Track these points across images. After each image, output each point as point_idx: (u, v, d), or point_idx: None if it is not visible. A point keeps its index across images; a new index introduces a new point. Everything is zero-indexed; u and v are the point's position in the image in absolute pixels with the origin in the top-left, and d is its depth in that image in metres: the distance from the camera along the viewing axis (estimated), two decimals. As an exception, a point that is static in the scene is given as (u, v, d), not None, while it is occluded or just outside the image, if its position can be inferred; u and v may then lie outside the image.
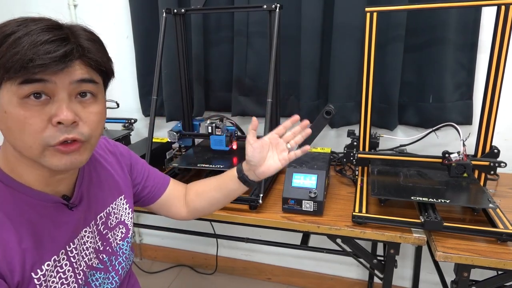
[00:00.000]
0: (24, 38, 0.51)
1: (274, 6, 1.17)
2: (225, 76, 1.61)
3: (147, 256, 2.19)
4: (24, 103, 0.53)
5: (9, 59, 0.50)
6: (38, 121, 0.53)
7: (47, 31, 0.52)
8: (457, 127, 1.12)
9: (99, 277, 0.73)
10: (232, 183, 0.87)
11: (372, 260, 1.07)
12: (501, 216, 0.97)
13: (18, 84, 0.52)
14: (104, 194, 0.76)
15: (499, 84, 1.04)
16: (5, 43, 0.51)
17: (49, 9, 1.77)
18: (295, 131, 0.85)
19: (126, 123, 1.68)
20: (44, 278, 0.60)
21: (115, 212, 0.78)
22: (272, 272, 1.95)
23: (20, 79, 0.51)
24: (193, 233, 1.38)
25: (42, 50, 0.50)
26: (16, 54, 0.50)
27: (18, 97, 0.52)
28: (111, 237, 0.77)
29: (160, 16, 1.39)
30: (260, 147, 0.82)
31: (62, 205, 0.65)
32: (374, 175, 1.14)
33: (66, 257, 0.65)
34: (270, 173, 0.84)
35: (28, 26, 0.52)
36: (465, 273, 0.90)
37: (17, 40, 0.51)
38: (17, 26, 0.52)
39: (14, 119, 0.53)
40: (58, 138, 0.55)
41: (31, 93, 0.52)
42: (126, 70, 1.79)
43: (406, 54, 1.37)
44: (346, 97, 1.46)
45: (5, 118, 0.54)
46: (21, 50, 0.50)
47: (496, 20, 1.01)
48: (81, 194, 0.70)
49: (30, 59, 0.50)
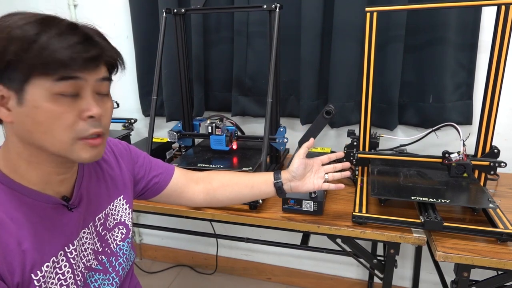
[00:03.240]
0: (57, 37, 0.53)
1: (274, 6, 1.17)
2: (225, 76, 1.61)
3: (147, 256, 2.19)
4: (57, 98, 0.55)
5: (48, 57, 0.52)
6: (70, 116, 0.57)
7: (72, 31, 0.56)
8: (457, 127, 1.12)
9: (98, 278, 0.73)
10: (265, 186, 0.92)
11: (372, 260, 1.07)
12: (501, 216, 0.97)
13: (54, 81, 0.54)
14: (102, 195, 0.76)
15: (499, 84, 1.04)
16: (38, 41, 0.53)
17: (49, 9, 1.76)
18: (336, 166, 0.94)
19: (126, 123, 1.68)
20: (43, 279, 0.60)
21: (113, 213, 0.79)
22: (272, 272, 1.95)
23: (57, 76, 0.54)
24: (193, 233, 1.38)
25: (78, 50, 0.54)
26: (55, 52, 0.53)
27: (51, 93, 0.55)
28: (109, 238, 0.77)
29: (160, 16, 1.39)
30: (306, 163, 0.91)
31: (61, 206, 0.66)
32: (374, 175, 1.14)
33: (66, 258, 0.65)
34: (303, 190, 0.92)
35: (52, 25, 0.55)
36: (465, 273, 0.90)
37: (51, 39, 0.53)
38: (41, 25, 0.54)
39: (47, 114, 0.55)
40: (89, 131, 0.59)
41: (66, 90, 0.55)
42: (126, 70, 1.75)
43: (406, 54, 1.37)
44: (346, 97, 1.46)
45: (35, 114, 0.55)
46: (58, 48, 0.53)
47: (496, 20, 1.01)
48: (80, 195, 0.70)
49: (70, 57, 0.53)
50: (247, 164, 1.22)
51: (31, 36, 0.53)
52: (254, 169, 1.18)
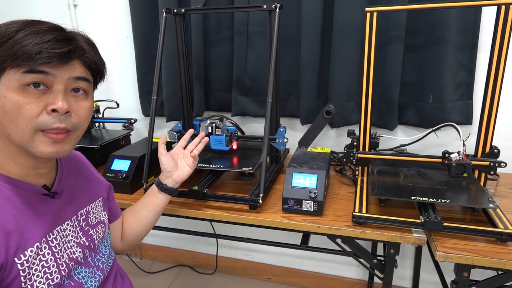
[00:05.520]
0: (32, 34, 0.58)
1: (274, 6, 1.17)
2: (225, 76, 1.61)
3: (147, 256, 2.19)
4: (24, 90, 0.59)
5: (18, 50, 0.57)
6: (35, 107, 0.60)
7: (53, 31, 0.60)
8: (457, 127, 1.12)
9: (81, 271, 0.75)
10: (155, 197, 0.99)
11: (372, 260, 1.07)
12: (501, 216, 0.97)
13: (22, 73, 0.58)
14: (83, 193, 0.80)
15: (499, 84, 1.04)
16: (14, 37, 0.57)
17: (49, 9, 1.77)
18: (195, 142, 1.07)
19: (126, 123, 1.68)
20: (27, 264, 0.62)
21: (94, 211, 0.82)
22: (272, 272, 1.95)
23: (25, 68, 0.58)
24: (193, 233, 1.38)
25: (48, 46, 0.58)
26: (26, 46, 0.57)
27: (19, 84, 0.59)
28: (94, 234, 0.80)
29: (160, 16, 1.39)
30: (171, 155, 1.00)
31: (42, 196, 0.69)
32: (374, 175, 1.14)
33: (48, 246, 0.67)
34: (185, 176, 1.01)
35: (35, 26, 0.59)
36: (465, 273, 0.90)
37: (27, 36, 0.58)
38: (25, 25, 0.59)
39: (13, 103, 0.59)
40: (50, 125, 0.61)
41: (32, 82, 0.59)
42: (126, 70, 1.79)
43: (406, 54, 1.37)
44: (346, 97, 1.46)
45: (3, 102, 0.59)
46: (30, 43, 0.57)
47: (496, 20, 1.01)
48: (61, 187, 0.73)
49: (38, 51, 0.57)
50: (247, 164, 1.22)
51: (10, 33, 0.58)
52: (254, 169, 1.18)
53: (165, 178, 1.00)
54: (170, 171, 0.99)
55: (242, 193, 1.19)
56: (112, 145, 1.52)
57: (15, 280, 0.60)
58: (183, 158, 1.03)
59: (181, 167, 1.01)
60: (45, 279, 0.65)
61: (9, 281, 0.60)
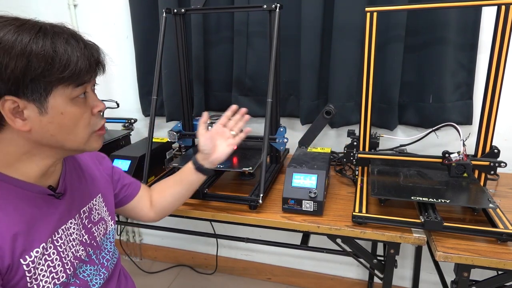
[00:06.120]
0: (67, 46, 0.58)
1: (274, 6, 1.17)
2: (225, 76, 1.61)
3: (147, 256, 2.19)
4: (75, 101, 0.63)
5: (63, 70, 0.58)
6: (88, 114, 0.66)
7: (74, 39, 0.60)
8: (457, 127, 1.12)
9: (87, 269, 0.75)
10: (191, 175, 0.97)
11: (372, 260, 1.07)
12: (501, 216, 0.97)
13: (73, 88, 0.61)
14: (84, 190, 0.80)
15: (499, 84, 1.04)
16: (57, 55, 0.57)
17: (49, 9, 1.77)
18: (236, 119, 0.99)
19: (126, 123, 1.68)
20: (33, 265, 0.62)
21: (96, 208, 0.82)
22: (272, 272, 1.95)
23: (75, 83, 0.61)
24: (193, 233, 1.38)
25: (85, 58, 0.60)
26: (69, 65, 0.58)
27: (70, 98, 0.62)
28: (95, 231, 0.80)
29: (160, 16, 1.39)
30: (210, 137, 0.95)
31: (47, 196, 0.69)
32: (374, 175, 1.14)
33: (53, 246, 0.67)
34: (222, 158, 0.96)
35: (55, 35, 0.58)
36: (465, 273, 0.90)
37: (67, 51, 0.58)
38: (44, 34, 0.57)
39: (72, 116, 0.63)
40: (99, 124, 0.69)
41: (81, 93, 0.63)
42: (126, 70, 1.79)
43: (406, 54, 1.37)
44: (346, 97, 1.46)
45: (61, 119, 0.62)
46: (77, 61, 0.59)
47: (496, 20, 1.01)
48: (65, 185, 0.74)
49: (82, 68, 0.60)
50: (247, 164, 1.22)
51: (49, 51, 0.57)
52: (254, 169, 1.18)
53: (202, 159, 0.96)
54: (207, 153, 0.95)
55: (242, 193, 1.19)
56: (112, 145, 1.52)
57: (21, 281, 0.61)
58: (222, 137, 0.97)
59: (219, 149, 0.96)
60: (51, 279, 0.65)
61: (15, 282, 0.60)
